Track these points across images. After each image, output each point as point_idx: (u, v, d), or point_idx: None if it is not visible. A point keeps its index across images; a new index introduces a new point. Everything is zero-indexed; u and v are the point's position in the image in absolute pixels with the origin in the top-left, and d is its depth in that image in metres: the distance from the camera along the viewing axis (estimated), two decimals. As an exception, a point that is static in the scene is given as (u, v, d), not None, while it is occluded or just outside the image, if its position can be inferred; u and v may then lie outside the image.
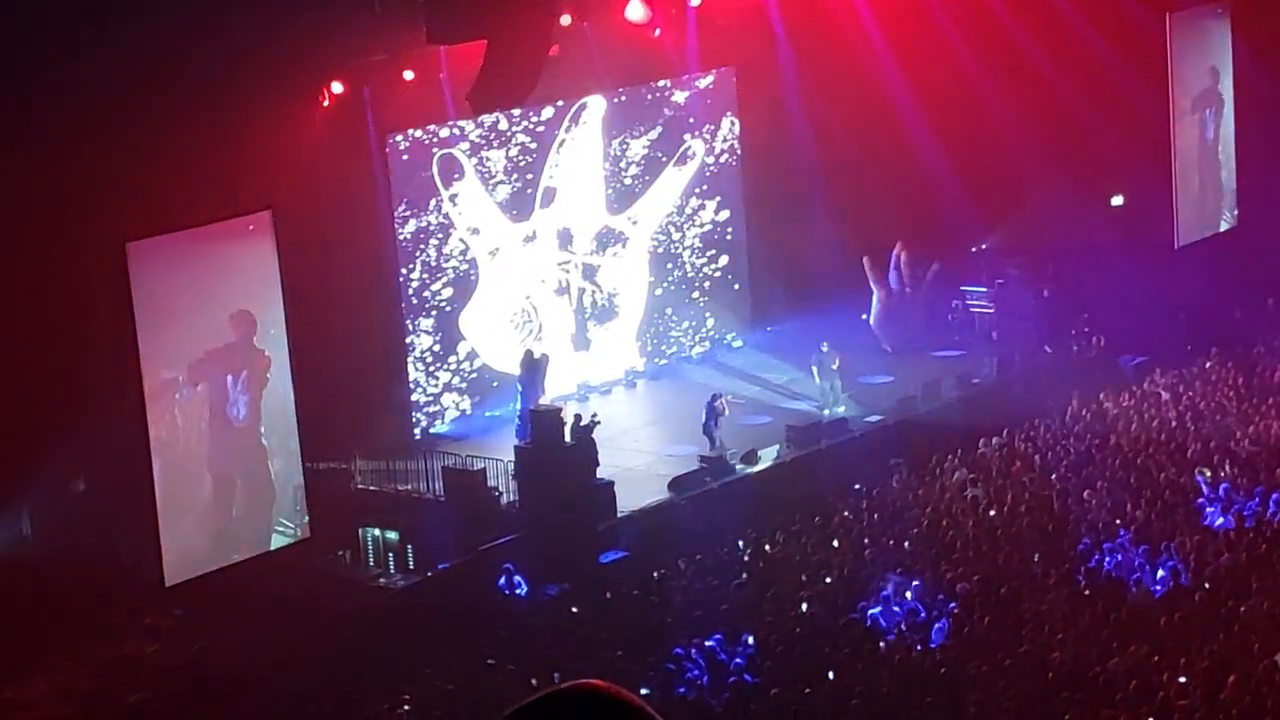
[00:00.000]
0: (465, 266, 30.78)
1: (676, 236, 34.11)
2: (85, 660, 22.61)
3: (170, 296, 23.88)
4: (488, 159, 30.99)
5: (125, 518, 23.87)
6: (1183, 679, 18.68)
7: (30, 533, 24.16)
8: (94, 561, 23.67)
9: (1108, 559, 22.68)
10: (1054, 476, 26.02)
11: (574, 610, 23.59)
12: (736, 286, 34.85)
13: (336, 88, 27.73)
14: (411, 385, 30.02)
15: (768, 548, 24.89)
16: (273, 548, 25.01)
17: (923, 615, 21.60)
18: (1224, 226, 36.39)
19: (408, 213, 29.97)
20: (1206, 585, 21.37)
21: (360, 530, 25.81)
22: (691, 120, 33.98)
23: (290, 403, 25.07)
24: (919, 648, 20.74)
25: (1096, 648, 19.97)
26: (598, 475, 26.49)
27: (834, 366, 30.41)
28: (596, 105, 32.31)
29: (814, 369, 30.61)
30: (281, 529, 25.26)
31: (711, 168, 34.34)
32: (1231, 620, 20.32)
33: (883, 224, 33.47)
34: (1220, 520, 23.75)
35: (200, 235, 24.17)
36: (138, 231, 23.30)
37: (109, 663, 22.53)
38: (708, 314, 34.51)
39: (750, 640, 21.38)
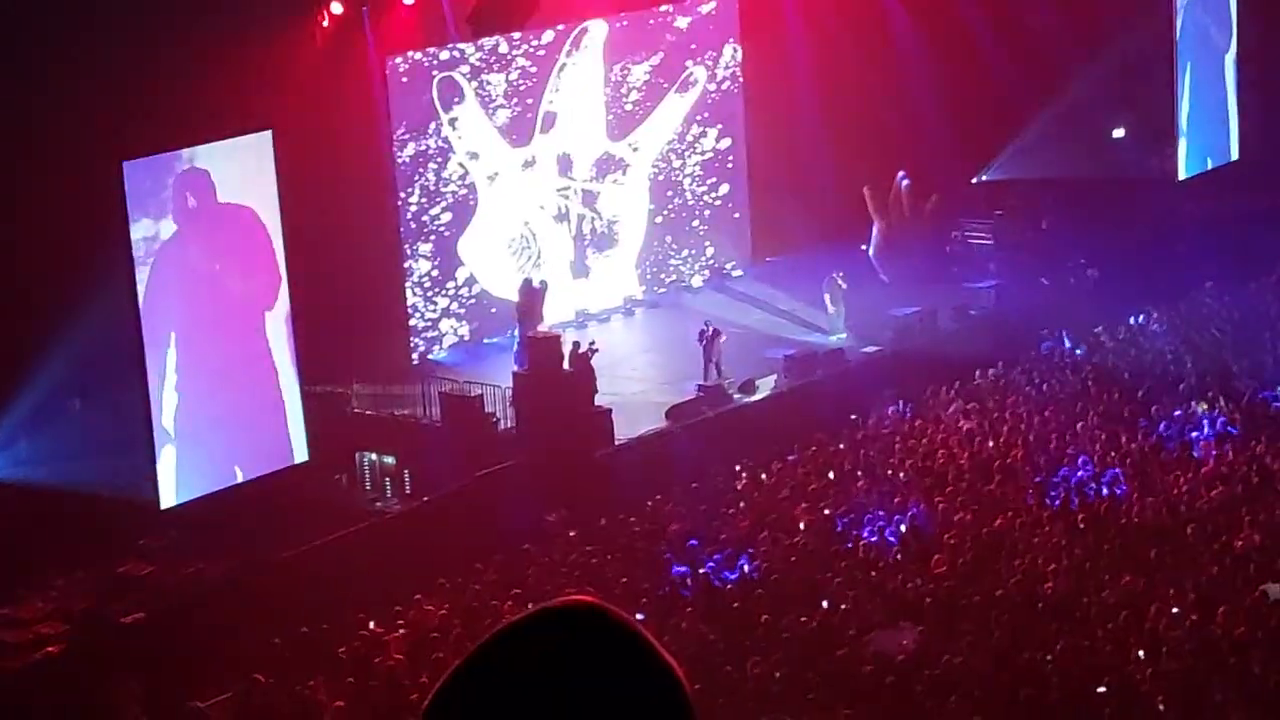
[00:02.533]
0: (464, 191, 30.71)
1: (677, 164, 34.01)
2: (81, 580, 22.68)
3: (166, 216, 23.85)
4: (488, 83, 30.86)
5: (122, 438, 23.88)
6: (1174, 610, 18.80)
7: (27, 451, 24.18)
8: (90, 481, 23.68)
9: (1103, 490, 22.78)
10: (1048, 409, 26.06)
11: (571, 534, 23.68)
12: (737, 215, 34.77)
13: (336, 8, 27.59)
14: (410, 310, 30.00)
15: (764, 477, 24.95)
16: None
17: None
18: (1228, 159, 36.28)
19: (406, 136, 29.88)
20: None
21: (357, 454, 25.85)
22: (693, 46, 33.82)
23: (288, 326, 25.03)
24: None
25: (1088, 579, 20.08)
26: (595, 403, 26.53)
27: (841, 296, 30.45)
28: (598, 30, 32.14)
29: (826, 297, 30.61)
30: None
31: (713, 95, 34.21)
32: (1223, 553, 20.43)
33: (884, 155, 33.39)
34: (1214, 453, 23.82)
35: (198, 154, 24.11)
36: (134, 150, 23.21)
37: (105, 583, 22.61)
38: (707, 243, 34.45)
39: (746, 567, 21.50)
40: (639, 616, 18.61)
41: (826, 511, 23.18)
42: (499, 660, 2.33)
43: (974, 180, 34.72)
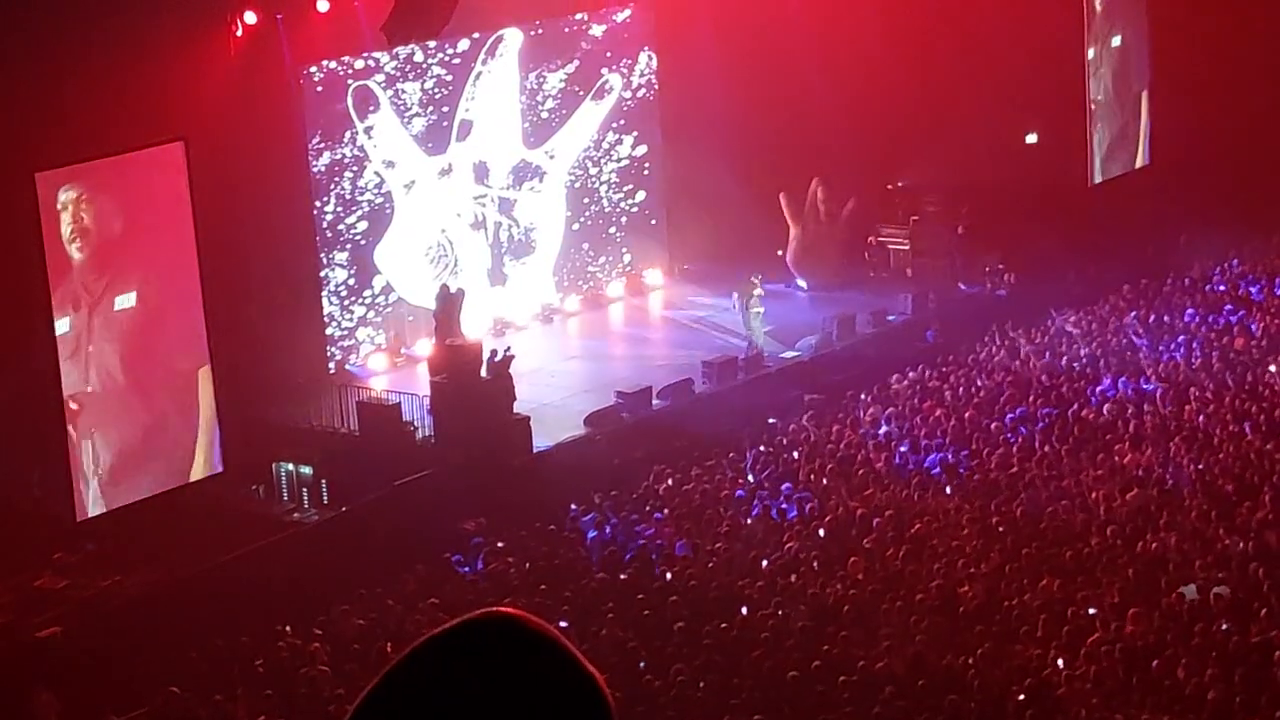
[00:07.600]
0: (380, 200, 30.59)
1: (594, 171, 34.01)
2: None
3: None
4: (403, 91, 30.75)
5: (37, 451, 23.63)
6: (1092, 611, 18.94)
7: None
8: (5, 495, 23.42)
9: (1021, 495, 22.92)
10: (966, 413, 26.21)
11: (490, 543, 23.60)
12: (654, 222, 34.82)
13: (250, 18, 27.40)
14: (326, 319, 29.84)
15: (684, 484, 24.95)
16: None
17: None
18: (1138, 164, 36.63)
19: (322, 145, 29.72)
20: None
21: (274, 465, 25.68)
22: (609, 54, 33.83)
23: (204, 335, 24.83)
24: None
25: (1007, 583, 20.18)
26: (514, 410, 26.46)
27: (759, 301, 30.58)
28: (513, 38, 32.10)
29: (744, 302, 30.67)
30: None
31: (629, 102, 34.23)
32: (1140, 555, 20.59)
33: (800, 160, 33.52)
34: (1128, 457, 24.02)
35: (111, 166, 23.88)
36: (47, 162, 22.98)
37: (19, 597, 22.34)
38: (625, 249, 34.47)
39: (668, 575, 21.51)
40: (561, 625, 18.60)
41: (748, 521, 23.22)
42: (419, 672, 2.31)
43: (890, 186, 34.89)
